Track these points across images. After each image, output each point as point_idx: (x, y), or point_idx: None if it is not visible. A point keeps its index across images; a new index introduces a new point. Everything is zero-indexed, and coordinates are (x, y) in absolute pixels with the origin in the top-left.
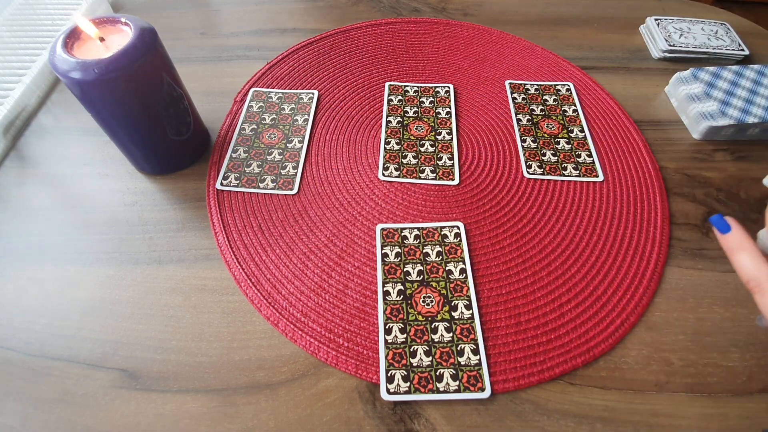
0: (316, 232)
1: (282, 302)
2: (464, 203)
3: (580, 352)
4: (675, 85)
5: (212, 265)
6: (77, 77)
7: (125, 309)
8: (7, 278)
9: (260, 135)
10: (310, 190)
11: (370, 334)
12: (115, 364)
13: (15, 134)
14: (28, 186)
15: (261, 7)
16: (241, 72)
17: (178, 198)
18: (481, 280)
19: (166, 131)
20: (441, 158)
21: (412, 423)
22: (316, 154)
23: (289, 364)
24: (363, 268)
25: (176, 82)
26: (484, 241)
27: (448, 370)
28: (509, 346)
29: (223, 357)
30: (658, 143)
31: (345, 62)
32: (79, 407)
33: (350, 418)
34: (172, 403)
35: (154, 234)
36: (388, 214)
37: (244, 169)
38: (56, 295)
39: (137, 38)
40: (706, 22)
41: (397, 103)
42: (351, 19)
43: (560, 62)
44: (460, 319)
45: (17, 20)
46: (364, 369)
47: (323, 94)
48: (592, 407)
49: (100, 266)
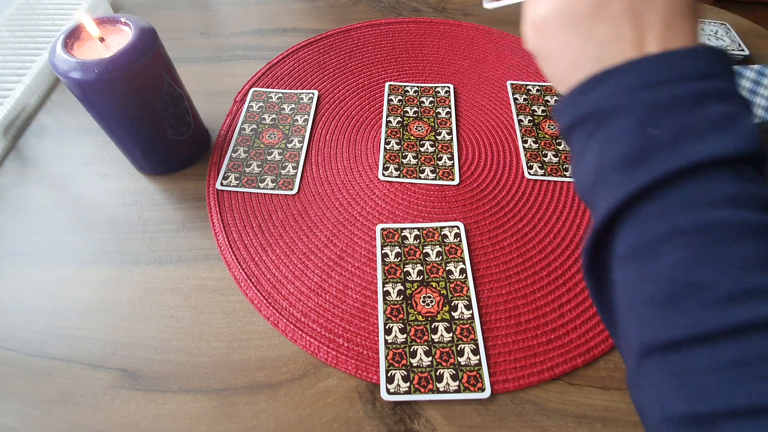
0: (316, 232)
1: (282, 302)
2: (464, 203)
3: (580, 352)
4: None
5: (212, 265)
6: (77, 77)
7: (125, 309)
8: (7, 278)
9: (260, 135)
10: (310, 190)
11: (370, 334)
12: (115, 364)
13: (15, 134)
14: (28, 186)
15: (261, 7)
16: (241, 72)
17: (178, 198)
18: (481, 280)
19: (166, 131)
20: (441, 158)
21: (412, 423)
22: (316, 154)
23: (289, 364)
24: (363, 268)
25: (176, 82)
26: (484, 241)
27: (448, 370)
28: (509, 346)
29: (223, 357)
30: None
31: (345, 62)
32: (79, 407)
33: (350, 418)
34: (172, 403)
35: (154, 234)
36: (388, 214)
37: (244, 169)
38: (56, 295)
39: (137, 38)
40: (706, 22)
41: (397, 103)
42: (351, 19)
43: None
44: (460, 319)
45: (17, 20)
46: (364, 369)
47: (323, 94)
48: (592, 407)
49: (100, 266)
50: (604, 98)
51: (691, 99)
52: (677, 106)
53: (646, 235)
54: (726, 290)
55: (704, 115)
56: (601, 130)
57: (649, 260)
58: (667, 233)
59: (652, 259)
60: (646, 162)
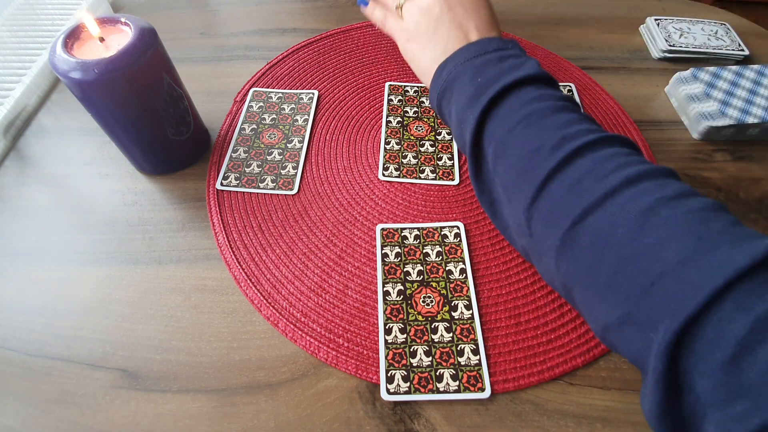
0: (316, 232)
1: (282, 302)
2: (464, 203)
3: (580, 352)
4: (675, 85)
5: (212, 265)
6: (77, 77)
7: (125, 309)
8: (7, 278)
9: (260, 135)
10: (310, 190)
11: (370, 334)
12: (115, 364)
13: (15, 134)
14: (28, 186)
15: (261, 7)
16: (241, 72)
17: (178, 198)
18: (481, 280)
19: (166, 131)
20: (441, 158)
21: (412, 423)
22: (316, 154)
23: (289, 364)
24: (363, 268)
25: (176, 82)
26: (484, 241)
27: (448, 370)
28: (509, 346)
29: (223, 357)
30: (658, 143)
31: (345, 62)
32: (79, 407)
33: (350, 418)
34: (172, 403)
35: (154, 234)
36: (388, 214)
37: (244, 169)
38: (56, 295)
39: (137, 38)
40: (706, 22)
41: (397, 103)
42: (351, 19)
43: (560, 62)
44: (460, 319)
45: (17, 20)
46: (364, 369)
47: (323, 94)
48: (592, 407)
49: (100, 266)
50: (448, 73)
51: (497, 59)
52: (490, 64)
53: (498, 139)
54: (551, 143)
55: (506, 65)
56: (454, 92)
57: (505, 152)
58: (508, 130)
59: (507, 151)
60: (481, 94)
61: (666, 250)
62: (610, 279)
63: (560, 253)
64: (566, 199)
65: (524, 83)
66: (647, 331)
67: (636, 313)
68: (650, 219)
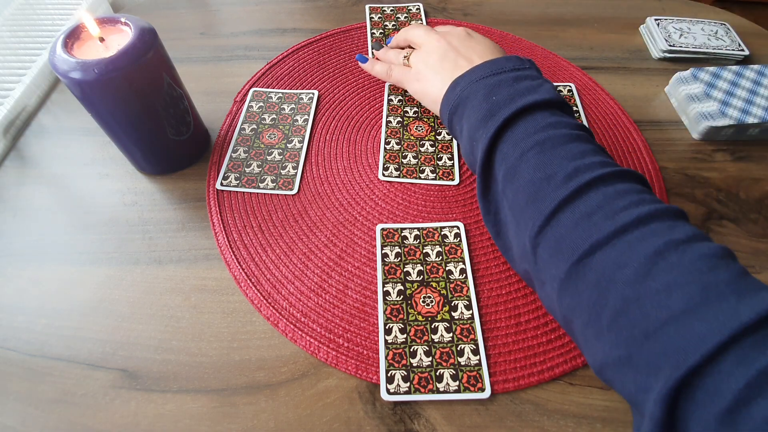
0: (316, 232)
1: (282, 302)
2: (464, 203)
3: (580, 353)
4: (675, 85)
5: (212, 265)
6: (77, 77)
7: (125, 309)
8: (7, 278)
9: (260, 135)
10: (310, 190)
11: (370, 334)
12: (115, 364)
13: (15, 134)
14: (28, 186)
15: (261, 7)
16: (241, 72)
17: (178, 198)
18: (481, 280)
19: (166, 131)
20: (441, 158)
21: (412, 423)
22: (316, 154)
23: (289, 364)
24: (363, 268)
25: (176, 82)
26: (484, 241)
27: (448, 371)
28: (509, 346)
29: (223, 357)
30: (658, 143)
31: (345, 62)
32: (79, 407)
33: (350, 418)
34: (172, 403)
35: (154, 234)
36: (388, 215)
37: (244, 169)
38: (56, 295)
39: (137, 38)
40: (706, 23)
41: (397, 103)
42: (351, 19)
43: (560, 62)
44: (460, 320)
45: (17, 20)
46: (364, 369)
47: (323, 94)
48: (592, 407)
49: (100, 266)
50: (462, 89)
51: (512, 79)
52: (504, 84)
53: (510, 162)
54: (564, 174)
55: (521, 86)
56: (466, 109)
57: (516, 176)
58: (521, 154)
59: (518, 175)
60: (495, 114)
61: (671, 298)
62: (612, 319)
63: (564, 285)
64: (575, 231)
65: (540, 107)
66: (647, 376)
67: (636, 357)
68: (658, 263)
